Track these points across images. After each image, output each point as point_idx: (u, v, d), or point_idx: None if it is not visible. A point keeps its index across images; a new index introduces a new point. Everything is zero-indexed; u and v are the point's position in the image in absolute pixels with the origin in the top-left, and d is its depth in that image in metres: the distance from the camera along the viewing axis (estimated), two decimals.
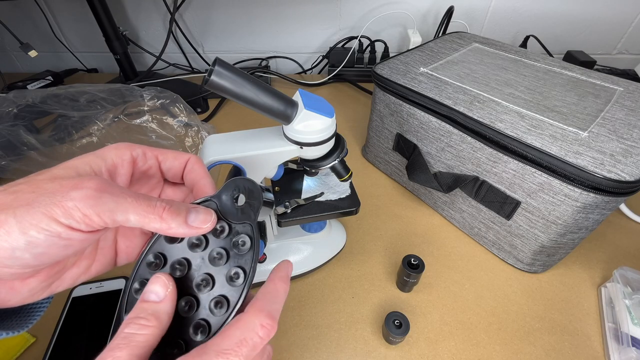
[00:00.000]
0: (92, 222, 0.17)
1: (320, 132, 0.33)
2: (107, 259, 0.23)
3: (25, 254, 0.17)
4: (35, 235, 0.16)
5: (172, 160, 0.24)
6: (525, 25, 0.89)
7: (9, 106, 0.57)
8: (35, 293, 0.20)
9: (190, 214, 0.20)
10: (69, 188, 0.17)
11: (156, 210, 0.19)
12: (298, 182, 0.44)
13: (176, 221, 0.20)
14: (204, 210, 0.21)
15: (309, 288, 0.46)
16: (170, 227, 0.19)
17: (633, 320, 0.39)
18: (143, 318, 0.18)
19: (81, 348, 0.39)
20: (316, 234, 0.47)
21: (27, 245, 0.16)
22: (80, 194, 0.17)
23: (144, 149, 0.23)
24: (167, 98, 0.64)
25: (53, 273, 0.20)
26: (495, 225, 0.48)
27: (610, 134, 0.39)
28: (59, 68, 0.92)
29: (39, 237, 0.16)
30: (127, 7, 0.89)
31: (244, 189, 0.24)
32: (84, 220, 0.17)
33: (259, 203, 0.24)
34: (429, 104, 0.48)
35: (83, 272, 0.22)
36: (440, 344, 0.41)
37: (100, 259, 0.23)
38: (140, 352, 0.17)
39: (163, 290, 0.20)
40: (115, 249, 0.24)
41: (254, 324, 0.19)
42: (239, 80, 0.28)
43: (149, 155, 0.24)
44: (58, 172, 0.19)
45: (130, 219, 0.18)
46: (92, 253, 0.23)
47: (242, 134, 0.36)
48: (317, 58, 0.96)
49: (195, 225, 0.20)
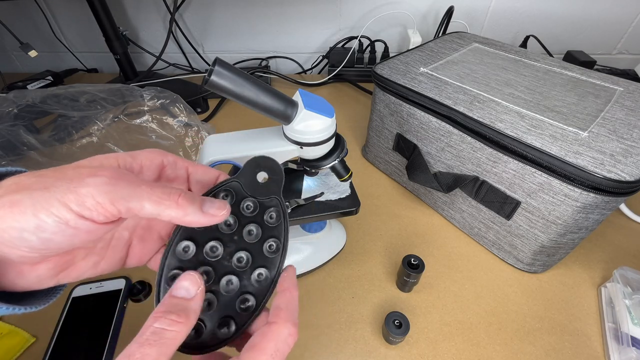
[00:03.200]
0: (105, 210, 0.17)
1: (320, 132, 0.33)
2: (116, 259, 0.23)
3: (32, 236, 0.17)
4: (44, 219, 0.16)
5: (202, 175, 0.25)
6: (525, 25, 0.89)
7: (9, 106, 0.57)
8: (43, 280, 0.20)
9: (205, 203, 0.20)
10: (86, 175, 0.17)
11: (172, 197, 0.19)
12: (298, 182, 0.44)
13: (192, 207, 0.19)
14: (218, 200, 0.21)
15: (309, 288, 0.46)
16: (186, 213, 0.19)
17: (633, 320, 0.39)
18: (173, 313, 0.18)
19: (81, 348, 0.39)
20: (316, 234, 0.47)
21: (36, 228, 0.17)
22: (96, 180, 0.17)
23: (176, 159, 0.24)
24: (167, 98, 0.64)
25: (62, 262, 0.20)
26: (495, 225, 0.48)
27: (610, 134, 0.39)
28: (59, 68, 0.92)
29: (47, 222, 0.17)
30: (127, 7, 0.89)
31: (265, 166, 0.25)
32: (96, 208, 0.17)
33: (281, 178, 0.25)
34: (429, 104, 0.48)
35: (91, 267, 0.22)
36: (440, 344, 0.41)
37: (110, 257, 0.23)
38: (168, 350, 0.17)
39: (194, 287, 0.20)
40: (127, 249, 0.24)
41: (285, 335, 0.20)
42: (239, 80, 0.28)
43: (180, 165, 0.24)
44: (83, 162, 0.19)
45: (146, 206, 0.18)
46: (103, 249, 0.23)
47: (242, 134, 0.36)
48: (317, 58, 0.96)
49: (211, 212, 0.20)
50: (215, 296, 0.22)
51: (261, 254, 0.23)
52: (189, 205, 0.19)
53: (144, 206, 0.18)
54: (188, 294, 0.20)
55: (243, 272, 0.22)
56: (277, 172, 0.25)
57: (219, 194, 0.24)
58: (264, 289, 0.22)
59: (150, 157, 0.22)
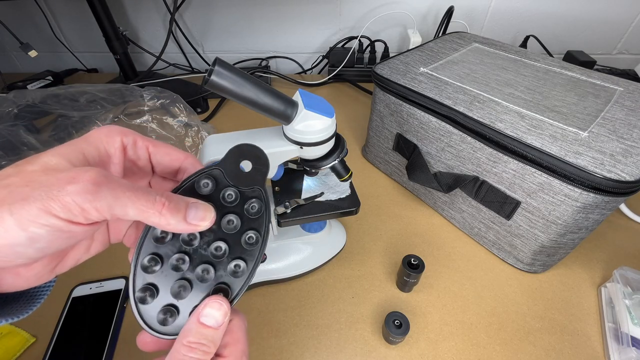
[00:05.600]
0: (90, 215, 0.17)
1: (320, 132, 0.33)
2: (104, 238, 0.23)
3: (27, 249, 0.17)
4: (36, 231, 0.16)
5: (162, 155, 0.23)
6: (525, 25, 0.89)
7: (9, 106, 0.57)
8: (41, 276, 0.20)
9: (190, 211, 0.20)
10: (65, 182, 0.17)
11: (155, 206, 0.19)
12: (298, 182, 0.44)
13: (175, 218, 0.19)
14: (204, 207, 0.21)
15: (309, 288, 0.46)
16: (169, 223, 0.19)
17: (633, 320, 0.39)
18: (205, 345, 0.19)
19: (81, 348, 0.39)
20: (316, 234, 0.47)
21: (29, 240, 0.16)
22: (77, 188, 0.17)
23: (135, 137, 0.22)
24: (167, 98, 0.64)
25: (56, 256, 0.21)
26: (495, 225, 0.48)
27: (610, 134, 0.38)
28: (59, 68, 0.92)
29: (40, 233, 0.16)
30: (127, 7, 0.89)
31: (249, 154, 0.24)
32: (82, 214, 0.17)
33: (266, 168, 0.24)
34: (429, 104, 0.48)
35: (84, 252, 0.22)
36: (440, 344, 0.41)
37: (98, 239, 0.23)
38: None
39: (222, 315, 0.20)
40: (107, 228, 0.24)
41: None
42: (239, 80, 0.28)
43: (140, 145, 0.23)
44: (50, 162, 0.18)
45: (129, 213, 0.18)
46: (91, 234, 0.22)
47: (242, 134, 0.36)
48: (317, 58, 0.96)
49: (194, 222, 0.20)
50: (190, 284, 0.22)
51: (239, 245, 0.23)
52: (172, 216, 0.19)
53: (127, 213, 0.18)
54: (216, 324, 0.20)
55: (220, 263, 0.22)
56: (261, 162, 0.24)
57: (200, 181, 0.23)
58: (240, 281, 0.22)
59: (112, 142, 0.21)
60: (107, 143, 0.21)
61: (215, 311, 0.20)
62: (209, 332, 0.20)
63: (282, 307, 0.44)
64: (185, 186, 0.23)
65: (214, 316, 0.20)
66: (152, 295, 0.21)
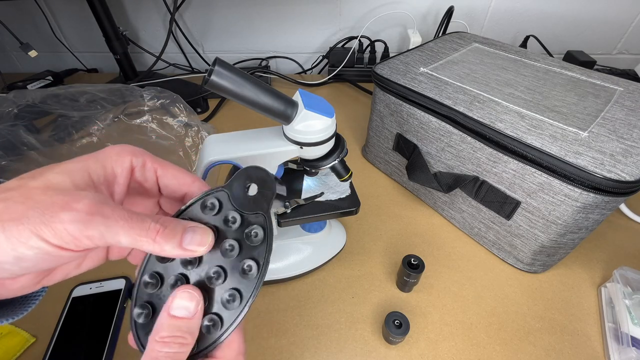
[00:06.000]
0: (81, 243, 0.17)
1: (320, 132, 0.33)
2: (99, 256, 0.23)
3: (13, 267, 0.17)
4: (25, 252, 0.16)
5: (170, 179, 0.23)
6: (525, 25, 0.89)
7: (9, 106, 0.57)
8: (26, 288, 0.20)
9: (186, 236, 0.20)
10: (59, 207, 0.17)
11: (149, 234, 0.18)
12: (298, 182, 0.44)
13: (170, 244, 0.19)
14: (202, 230, 0.21)
15: (309, 288, 0.46)
16: (163, 249, 0.19)
17: (633, 320, 0.39)
18: (181, 337, 0.19)
19: (81, 348, 0.39)
20: (316, 234, 0.47)
21: (16, 259, 0.16)
22: (70, 216, 0.16)
23: (145, 159, 0.22)
24: (167, 98, 0.64)
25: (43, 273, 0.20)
26: (495, 225, 0.48)
27: (610, 134, 0.38)
28: (59, 68, 0.92)
29: (28, 254, 0.16)
30: (127, 7, 0.89)
31: (256, 178, 0.23)
32: (73, 242, 0.17)
33: (272, 193, 0.23)
34: (429, 104, 0.48)
35: (74, 268, 0.22)
36: (440, 344, 0.41)
37: (92, 256, 0.23)
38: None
39: (194, 305, 0.20)
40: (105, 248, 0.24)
41: None
42: (239, 80, 0.28)
43: (148, 167, 0.23)
44: (53, 180, 0.18)
45: (122, 241, 0.18)
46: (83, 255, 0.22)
47: (242, 134, 0.36)
48: (317, 58, 0.96)
49: (190, 248, 0.20)
50: None
51: (237, 274, 0.21)
52: (166, 242, 0.19)
53: (120, 241, 0.18)
54: (189, 313, 0.19)
55: (214, 290, 0.21)
56: (268, 186, 0.23)
57: (204, 203, 0.22)
58: (232, 314, 0.20)
59: (121, 162, 0.21)
60: (115, 162, 0.21)
61: (186, 302, 0.20)
62: (182, 324, 0.19)
63: (282, 307, 0.44)
64: (188, 208, 0.22)
65: (186, 307, 0.19)
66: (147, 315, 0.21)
